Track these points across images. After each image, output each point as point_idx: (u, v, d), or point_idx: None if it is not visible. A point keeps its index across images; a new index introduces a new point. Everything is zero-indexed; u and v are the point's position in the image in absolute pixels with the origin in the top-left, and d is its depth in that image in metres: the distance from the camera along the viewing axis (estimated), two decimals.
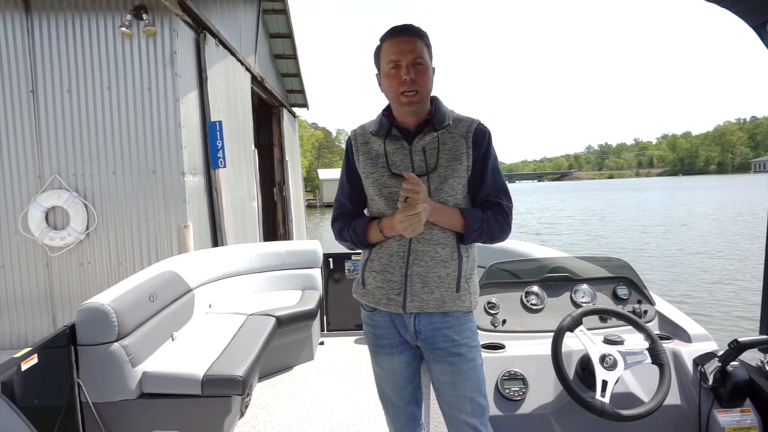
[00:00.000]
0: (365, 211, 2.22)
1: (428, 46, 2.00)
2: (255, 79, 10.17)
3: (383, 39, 2.01)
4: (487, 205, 2.09)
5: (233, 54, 8.31)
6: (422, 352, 2.13)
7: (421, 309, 2.02)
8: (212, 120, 6.91)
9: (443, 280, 2.02)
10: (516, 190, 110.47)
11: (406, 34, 1.96)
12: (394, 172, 2.02)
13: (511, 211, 2.12)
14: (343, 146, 2.40)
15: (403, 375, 2.16)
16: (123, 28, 5.84)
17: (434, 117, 2.04)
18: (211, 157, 6.91)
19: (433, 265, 2.01)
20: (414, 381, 2.20)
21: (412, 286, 2.01)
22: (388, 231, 2.03)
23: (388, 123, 2.07)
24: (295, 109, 15.76)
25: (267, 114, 13.27)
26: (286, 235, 13.39)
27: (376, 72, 2.09)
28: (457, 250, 2.05)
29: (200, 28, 6.82)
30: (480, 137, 2.06)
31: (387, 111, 2.12)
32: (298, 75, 14.41)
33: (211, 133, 6.87)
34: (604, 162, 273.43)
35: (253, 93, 10.09)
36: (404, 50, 1.93)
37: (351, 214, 2.19)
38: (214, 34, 7.20)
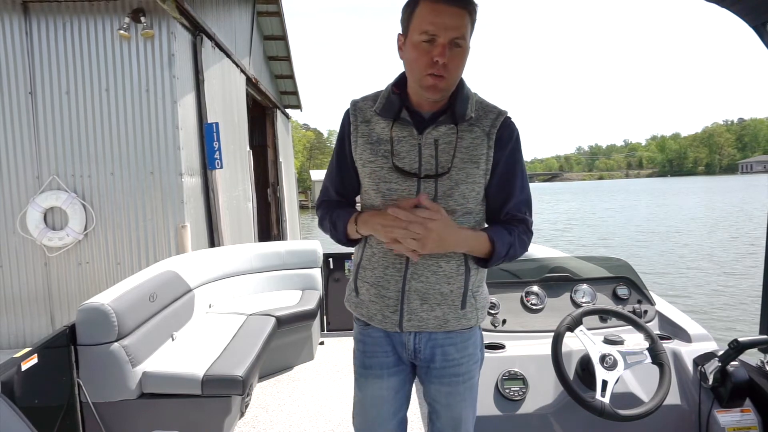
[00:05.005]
0: (358, 198, 1.91)
1: (473, 23, 1.60)
2: (250, 81, 10.16)
3: None
4: (512, 222, 1.79)
5: (229, 56, 8.32)
6: (419, 372, 1.91)
7: (420, 328, 1.77)
8: (209, 122, 6.93)
9: (446, 297, 1.75)
10: None
11: (454, 4, 1.53)
12: (397, 165, 1.69)
13: (532, 228, 1.84)
14: None
15: (389, 403, 1.88)
16: (121, 31, 5.85)
17: (456, 105, 1.68)
18: (208, 158, 6.92)
19: (434, 280, 1.73)
20: (399, 414, 1.92)
21: (409, 303, 1.75)
22: (362, 227, 1.73)
23: (398, 103, 1.71)
24: (287, 111, 15.75)
25: (261, 115, 13.26)
26: (280, 236, 13.38)
27: (401, 32, 1.66)
28: (464, 263, 1.76)
29: (197, 30, 6.82)
30: (505, 136, 1.72)
31: (398, 87, 1.74)
32: (291, 77, 14.40)
33: (208, 134, 6.88)
34: (595, 163, 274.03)
35: (247, 95, 10.09)
36: (447, 24, 1.53)
37: (334, 203, 1.89)
38: (210, 37, 7.20)
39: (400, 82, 1.75)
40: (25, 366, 2.59)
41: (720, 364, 2.25)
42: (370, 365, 1.86)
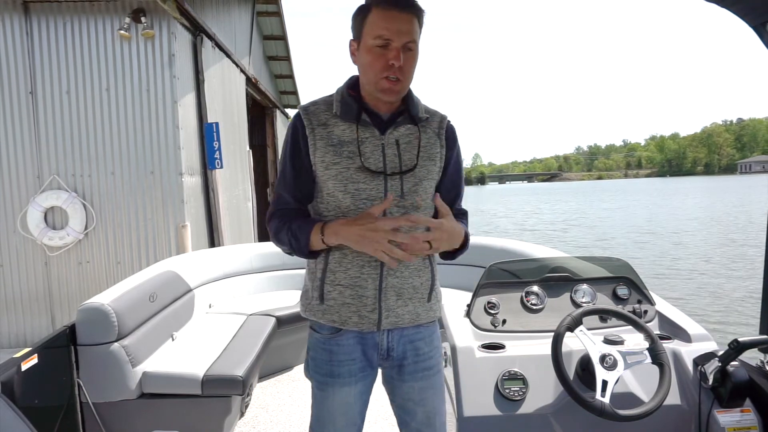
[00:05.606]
0: (311, 207, 1.87)
1: (421, 27, 1.71)
2: (249, 81, 10.17)
3: (374, 3, 1.66)
4: (459, 216, 1.94)
5: (229, 56, 8.33)
6: (386, 371, 1.93)
7: (396, 324, 1.82)
8: (209, 121, 6.94)
9: (417, 291, 1.84)
10: (507, 190, 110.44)
11: (405, 11, 1.64)
12: (366, 165, 1.73)
13: None
14: None
15: (355, 409, 1.89)
16: (122, 31, 5.86)
17: (410, 107, 1.80)
18: (208, 157, 6.93)
19: (408, 275, 1.81)
20: (362, 416, 1.93)
21: (386, 300, 1.78)
22: (331, 237, 1.69)
23: (356, 105, 1.76)
24: (287, 111, 15.75)
25: (260, 115, 13.27)
26: None
27: (353, 37, 1.75)
28: (428, 257, 1.87)
29: (197, 30, 6.83)
30: (451, 136, 1.89)
31: (353, 90, 1.80)
32: (291, 77, 14.41)
33: (208, 134, 6.89)
34: (594, 163, 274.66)
35: (247, 94, 10.10)
36: (400, 29, 1.63)
37: (292, 212, 1.82)
38: (210, 37, 7.21)
39: (354, 86, 1.81)
40: (25, 366, 2.58)
41: (720, 364, 2.23)
42: (338, 374, 1.84)
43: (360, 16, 1.70)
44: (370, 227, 1.60)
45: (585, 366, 2.37)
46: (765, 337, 2.25)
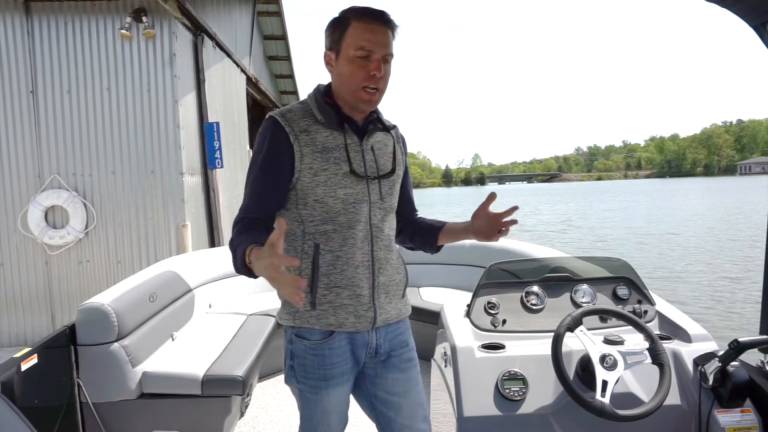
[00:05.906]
0: (291, 214, 1.83)
1: (394, 40, 1.78)
2: (250, 81, 10.18)
3: (354, 16, 1.71)
4: (416, 212, 2.17)
5: (229, 56, 8.34)
6: (369, 369, 1.94)
7: (386, 321, 1.89)
8: (209, 121, 6.95)
9: (398, 287, 1.93)
10: (507, 191, 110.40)
11: (384, 25, 1.72)
12: (355, 170, 1.78)
13: None
14: None
15: (346, 405, 1.94)
16: (123, 31, 5.87)
17: (380, 116, 1.93)
18: (209, 157, 6.95)
19: (392, 272, 1.90)
20: (348, 409, 1.98)
21: (378, 298, 1.85)
22: (254, 264, 1.49)
23: (335, 113, 1.80)
24: None
25: (260, 115, 13.25)
26: None
27: (329, 47, 1.78)
28: (399, 254, 1.98)
29: (198, 30, 6.85)
30: (404, 144, 2.06)
31: (329, 97, 1.84)
32: (291, 77, 14.41)
33: (208, 133, 6.90)
34: (593, 164, 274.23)
35: (247, 94, 10.11)
36: (381, 42, 1.70)
37: (252, 223, 1.73)
38: (211, 37, 7.23)
39: (328, 94, 1.85)
40: (25, 366, 2.58)
41: (720, 365, 2.22)
42: (332, 376, 1.83)
43: (340, 29, 1.74)
44: (267, 266, 1.38)
45: (585, 366, 2.36)
46: (765, 337, 2.24)
